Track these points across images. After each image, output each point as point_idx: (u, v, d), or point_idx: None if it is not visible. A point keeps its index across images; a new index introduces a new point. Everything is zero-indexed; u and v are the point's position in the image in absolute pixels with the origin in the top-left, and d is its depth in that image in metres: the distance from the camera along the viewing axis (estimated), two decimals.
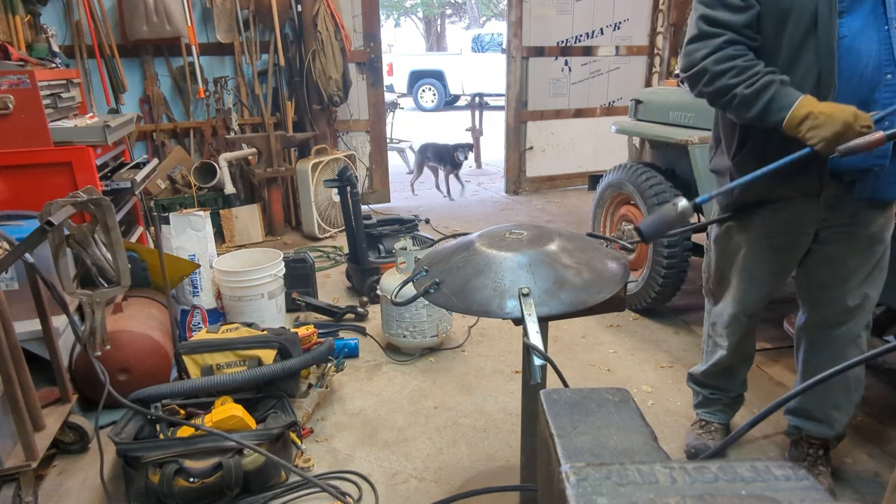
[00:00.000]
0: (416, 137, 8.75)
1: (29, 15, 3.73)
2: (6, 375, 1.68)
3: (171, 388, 2.06)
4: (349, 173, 3.37)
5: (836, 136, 1.38)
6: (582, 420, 0.80)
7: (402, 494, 1.93)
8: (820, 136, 1.40)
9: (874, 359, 1.94)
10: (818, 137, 1.40)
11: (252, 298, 2.89)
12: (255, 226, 4.51)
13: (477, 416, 2.34)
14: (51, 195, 1.79)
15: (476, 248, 1.44)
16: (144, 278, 2.77)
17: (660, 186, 2.82)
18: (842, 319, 1.76)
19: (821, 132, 1.39)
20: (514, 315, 1.26)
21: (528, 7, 5.47)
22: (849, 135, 1.38)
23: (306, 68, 4.60)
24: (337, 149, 4.97)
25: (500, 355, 2.81)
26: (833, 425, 1.86)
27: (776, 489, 0.56)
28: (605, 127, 4.64)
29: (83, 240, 1.75)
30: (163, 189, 4.37)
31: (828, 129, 1.38)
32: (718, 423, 2.12)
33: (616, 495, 0.56)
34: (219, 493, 1.82)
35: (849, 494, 1.87)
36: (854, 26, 1.45)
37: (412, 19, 26.46)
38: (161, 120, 4.53)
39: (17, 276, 2.08)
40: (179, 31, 4.24)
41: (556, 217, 5.13)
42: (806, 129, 1.42)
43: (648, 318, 3.13)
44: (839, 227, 1.68)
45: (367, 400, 2.47)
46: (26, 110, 2.56)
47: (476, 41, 14.94)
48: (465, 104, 11.74)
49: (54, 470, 2.06)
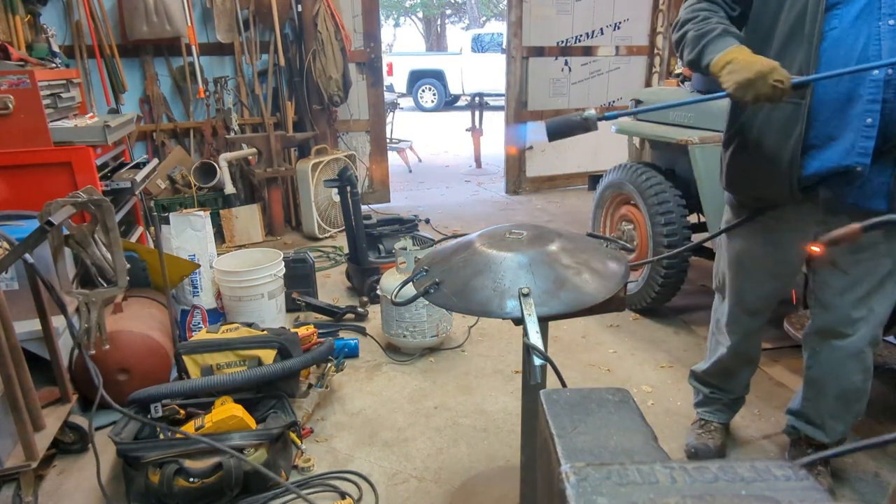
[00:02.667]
0: (417, 137, 8.77)
1: (29, 15, 3.73)
2: (6, 375, 1.68)
3: (170, 388, 2.05)
4: (349, 173, 3.37)
5: (747, 82, 1.41)
6: (582, 420, 0.80)
7: (402, 494, 1.93)
8: (732, 80, 1.43)
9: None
10: (731, 81, 1.44)
11: (252, 298, 2.89)
12: (255, 226, 4.51)
13: (477, 416, 2.34)
14: (51, 195, 1.79)
15: (476, 248, 1.44)
16: (144, 278, 2.77)
17: (660, 186, 2.82)
18: (844, 331, 1.72)
19: (734, 76, 1.43)
20: (514, 315, 1.26)
21: (528, 7, 5.47)
22: (759, 84, 1.40)
23: (306, 68, 4.60)
24: (337, 149, 4.97)
25: (500, 355, 2.81)
26: (829, 433, 1.85)
27: (776, 489, 0.56)
28: (605, 127, 4.63)
29: (83, 240, 1.75)
30: (163, 189, 4.37)
31: (741, 75, 1.41)
32: (718, 423, 2.11)
33: (616, 495, 0.56)
34: (219, 493, 1.82)
35: (849, 494, 1.87)
36: (846, 19, 1.45)
37: (412, 19, 26.46)
38: (161, 120, 4.53)
39: (17, 276, 2.08)
40: (179, 31, 4.24)
41: (556, 217, 5.13)
42: (725, 73, 1.46)
43: (648, 318, 3.13)
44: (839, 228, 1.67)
45: (367, 400, 2.47)
46: (26, 110, 2.56)
47: (476, 41, 14.93)
48: (465, 104, 11.75)
49: (54, 470, 2.06)
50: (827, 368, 1.78)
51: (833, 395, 1.80)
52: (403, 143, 7.47)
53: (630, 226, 3.10)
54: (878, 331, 1.72)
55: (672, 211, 2.76)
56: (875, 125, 1.45)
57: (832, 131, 1.52)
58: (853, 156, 1.49)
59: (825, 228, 1.67)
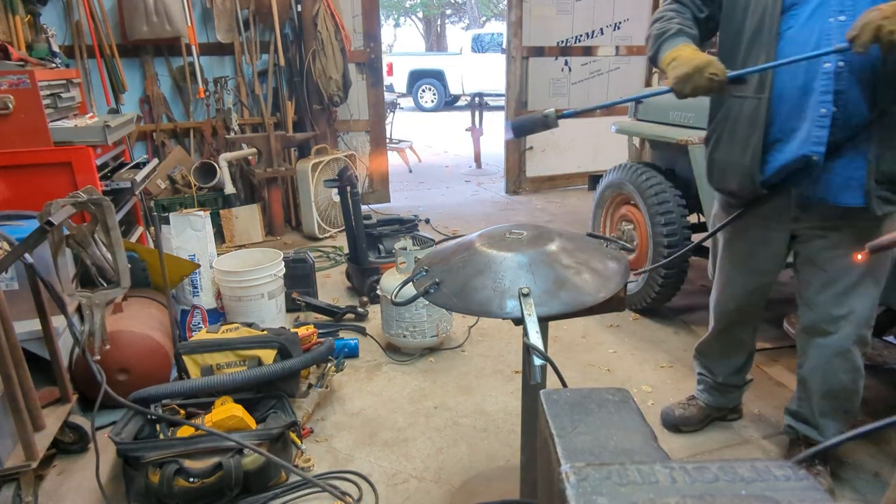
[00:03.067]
0: (417, 137, 8.77)
1: (29, 15, 3.73)
2: (6, 375, 1.68)
3: (171, 388, 2.05)
4: (349, 173, 3.37)
5: (685, 76, 1.50)
6: (582, 420, 0.80)
7: (402, 494, 1.93)
8: (674, 75, 1.53)
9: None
10: (672, 76, 1.54)
11: (252, 298, 2.89)
12: (255, 226, 4.51)
13: (477, 416, 2.34)
14: (51, 195, 1.79)
15: (476, 248, 1.44)
16: (144, 278, 2.77)
17: (660, 186, 2.82)
18: (827, 328, 1.75)
19: (675, 71, 1.53)
20: (514, 315, 1.26)
21: (528, 7, 5.47)
22: (696, 77, 1.49)
23: (306, 68, 4.60)
24: (337, 149, 4.97)
25: (500, 355, 2.81)
26: (822, 432, 1.86)
27: (776, 489, 0.56)
28: (605, 127, 4.63)
29: (83, 240, 1.75)
30: (163, 189, 4.37)
31: (681, 70, 1.51)
32: (701, 403, 2.19)
33: (616, 495, 0.56)
34: (219, 493, 1.82)
35: (849, 494, 1.87)
36: (801, 19, 1.53)
37: (412, 19, 26.46)
38: (161, 120, 4.53)
39: (17, 276, 2.08)
40: (179, 31, 4.23)
41: (556, 217, 5.13)
42: (669, 68, 1.56)
43: (648, 318, 3.13)
44: (814, 227, 1.71)
45: (367, 400, 2.47)
46: (26, 110, 2.56)
47: (476, 41, 14.93)
48: (465, 104, 11.75)
49: (54, 470, 2.06)
50: (814, 366, 1.81)
51: (820, 393, 1.82)
52: (403, 143, 7.47)
53: (630, 226, 3.10)
54: (862, 330, 1.74)
55: (672, 211, 2.76)
56: (829, 115, 1.50)
57: (794, 124, 1.58)
58: (808, 145, 1.55)
59: (802, 225, 1.72)
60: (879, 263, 1.68)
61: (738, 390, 2.16)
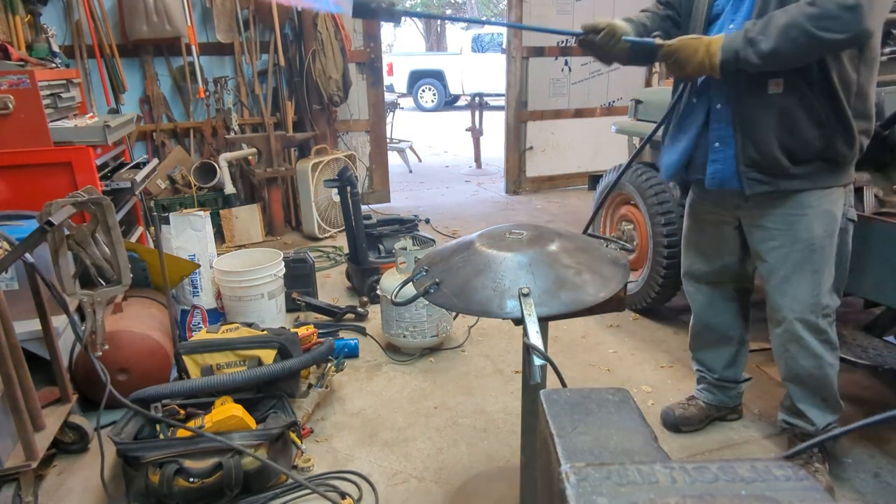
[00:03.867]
0: (417, 137, 8.77)
1: (29, 15, 3.73)
2: (6, 375, 1.68)
3: (171, 388, 2.05)
4: (349, 173, 3.37)
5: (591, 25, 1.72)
6: (582, 420, 0.80)
7: (402, 494, 1.93)
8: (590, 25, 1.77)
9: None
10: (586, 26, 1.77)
11: (252, 298, 2.89)
12: (255, 226, 4.51)
13: (477, 416, 2.34)
14: (51, 195, 1.79)
15: (476, 248, 1.44)
16: (144, 278, 2.77)
17: (660, 186, 2.82)
18: (775, 316, 1.83)
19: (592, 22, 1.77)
20: (514, 315, 1.26)
21: (528, 7, 5.47)
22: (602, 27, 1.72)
23: (306, 68, 4.60)
24: (337, 149, 4.97)
25: (500, 355, 2.81)
26: (809, 421, 1.89)
27: (776, 489, 0.56)
28: (605, 127, 4.64)
29: (83, 240, 1.75)
30: (163, 189, 4.37)
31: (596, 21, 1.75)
32: (702, 402, 2.20)
33: (616, 495, 0.56)
34: (219, 493, 1.82)
35: (849, 494, 1.87)
36: (716, 29, 1.71)
37: (412, 19, 26.43)
38: (161, 120, 4.53)
39: (17, 276, 2.08)
40: (179, 30, 4.23)
41: (556, 217, 5.13)
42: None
43: (648, 318, 3.12)
44: (751, 216, 1.79)
45: (367, 400, 2.47)
46: (26, 110, 2.56)
47: (476, 41, 14.93)
48: (465, 104, 11.74)
49: (54, 470, 2.06)
50: (777, 354, 1.88)
51: (788, 379, 1.89)
52: (403, 143, 7.47)
53: (630, 226, 3.10)
54: (810, 316, 1.76)
55: (672, 211, 2.76)
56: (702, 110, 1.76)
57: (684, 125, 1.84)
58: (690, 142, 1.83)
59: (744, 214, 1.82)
60: (813, 252, 1.72)
61: (738, 387, 2.17)
